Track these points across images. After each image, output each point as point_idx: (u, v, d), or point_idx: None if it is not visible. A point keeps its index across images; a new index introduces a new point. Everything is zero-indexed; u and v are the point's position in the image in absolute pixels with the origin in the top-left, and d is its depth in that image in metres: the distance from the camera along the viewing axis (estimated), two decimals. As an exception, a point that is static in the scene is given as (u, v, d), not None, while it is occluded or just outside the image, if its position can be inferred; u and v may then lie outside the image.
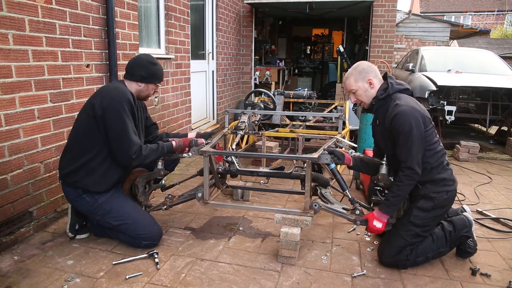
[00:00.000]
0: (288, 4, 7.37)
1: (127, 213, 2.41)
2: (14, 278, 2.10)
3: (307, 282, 2.14)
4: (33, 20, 2.48)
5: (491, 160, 4.98)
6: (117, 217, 2.38)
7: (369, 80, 2.26)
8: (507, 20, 25.47)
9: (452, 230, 2.32)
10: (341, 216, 2.40)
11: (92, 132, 2.30)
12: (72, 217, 2.54)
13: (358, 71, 2.28)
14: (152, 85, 2.49)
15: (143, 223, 2.42)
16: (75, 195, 2.37)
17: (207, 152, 2.47)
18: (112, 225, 2.40)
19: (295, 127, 4.72)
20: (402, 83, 2.29)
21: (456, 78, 5.49)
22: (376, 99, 2.27)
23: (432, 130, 2.21)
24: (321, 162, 2.34)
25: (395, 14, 7.14)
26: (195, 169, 4.00)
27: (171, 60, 4.49)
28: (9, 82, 2.35)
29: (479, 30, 12.80)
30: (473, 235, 2.37)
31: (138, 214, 2.46)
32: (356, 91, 2.29)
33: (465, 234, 2.33)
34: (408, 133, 2.08)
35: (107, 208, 2.37)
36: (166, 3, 4.36)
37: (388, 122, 2.19)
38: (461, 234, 2.33)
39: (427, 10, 25.89)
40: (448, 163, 2.28)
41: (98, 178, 2.34)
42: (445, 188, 2.20)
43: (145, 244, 2.42)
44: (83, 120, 2.34)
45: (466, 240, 2.35)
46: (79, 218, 2.56)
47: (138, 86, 2.45)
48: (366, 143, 3.67)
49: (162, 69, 2.57)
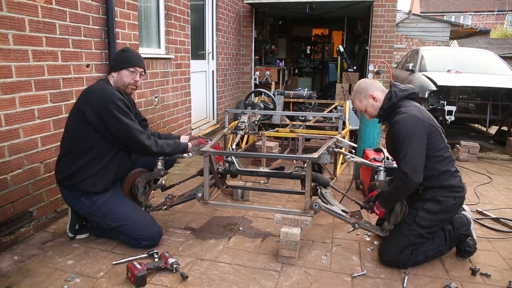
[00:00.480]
0: (288, 4, 7.37)
1: (126, 214, 2.40)
2: (14, 278, 2.10)
3: (307, 282, 2.14)
4: (33, 20, 2.48)
5: (491, 160, 4.98)
6: (116, 218, 2.38)
7: (371, 96, 2.34)
8: (507, 20, 25.46)
9: (451, 228, 2.33)
10: (340, 218, 2.41)
11: (85, 135, 2.30)
12: (72, 217, 2.54)
13: (358, 92, 2.40)
14: (125, 71, 2.35)
15: (142, 224, 2.42)
16: (73, 198, 2.37)
17: (207, 152, 2.47)
18: (111, 226, 2.40)
19: (295, 127, 4.72)
20: (406, 89, 2.31)
21: (456, 78, 5.50)
22: (382, 110, 2.34)
23: (439, 136, 2.23)
24: (321, 162, 2.34)
25: (395, 14, 7.14)
26: (195, 169, 4.00)
27: (171, 60, 4.49)
28: (9, 82, 2.35)
29: (479, 30, 12.82)
30: (472, 233, 2.37)
31: (137, 215, 2.45)
32: (365, 109, 2.40)
33: (464, 232, 2.34)
34: (403, 138, 2.12)
35: (106, 210, 2.37)
36: (166, 3, 4.36)
37: (391, 129, 2.28)
38: (460, 232, 2.34)
39: (427, 10, 25.89)
40: (457, 170, 2.29)
41: (94, 178, 2.33)
42: (453, 194, 2.22)
43: (145, 245, 2.42)
44: (74, 125, 2.34)
45: (466, 239, 2.36)
46: (79, 218, 2.56)
47: (112, 77, 2.40)
48: (366, 143, 3.67)
49: (135, 55, 2.45)
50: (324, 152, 2.38)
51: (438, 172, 2.21)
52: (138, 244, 2.42)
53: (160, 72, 4.26)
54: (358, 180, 3.72)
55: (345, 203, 3.24)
